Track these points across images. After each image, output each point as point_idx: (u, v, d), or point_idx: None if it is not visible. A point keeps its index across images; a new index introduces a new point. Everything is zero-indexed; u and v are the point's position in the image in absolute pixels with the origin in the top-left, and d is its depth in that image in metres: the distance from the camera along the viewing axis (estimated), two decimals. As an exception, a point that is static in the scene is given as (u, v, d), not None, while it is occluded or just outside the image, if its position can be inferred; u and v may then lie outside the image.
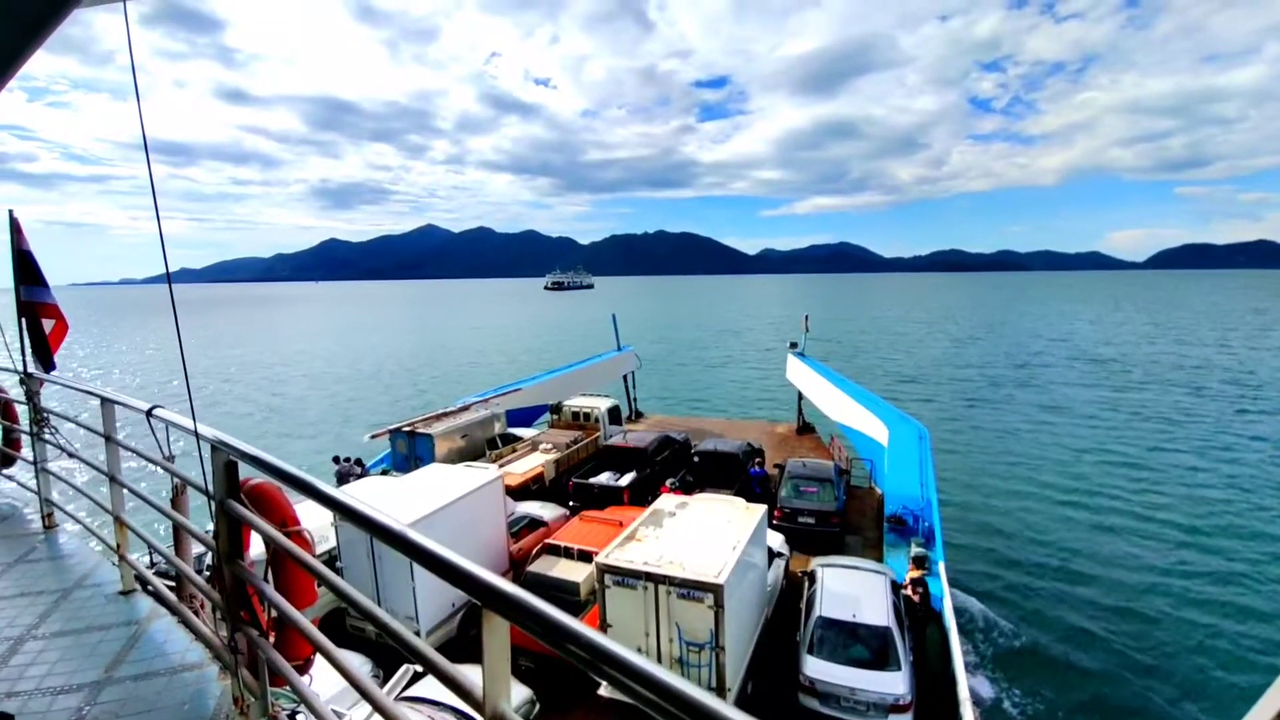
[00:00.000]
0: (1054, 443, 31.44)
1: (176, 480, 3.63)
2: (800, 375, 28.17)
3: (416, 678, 8.59)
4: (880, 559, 13.75)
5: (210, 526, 2.93)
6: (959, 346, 71.25)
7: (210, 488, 2.83)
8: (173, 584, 4.20)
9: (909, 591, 11.53)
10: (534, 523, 14.90)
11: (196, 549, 5.41)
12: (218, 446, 2.74)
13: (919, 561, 12.20)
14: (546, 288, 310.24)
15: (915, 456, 17.54)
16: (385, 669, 9.46)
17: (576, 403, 23.59)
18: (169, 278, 2.96)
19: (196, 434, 2.86)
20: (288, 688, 2.66)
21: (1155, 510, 22.68)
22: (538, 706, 9.15)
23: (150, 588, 4.29)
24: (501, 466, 17.84)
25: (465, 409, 21.35)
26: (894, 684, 9.24)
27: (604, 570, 9.36)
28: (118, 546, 4.42)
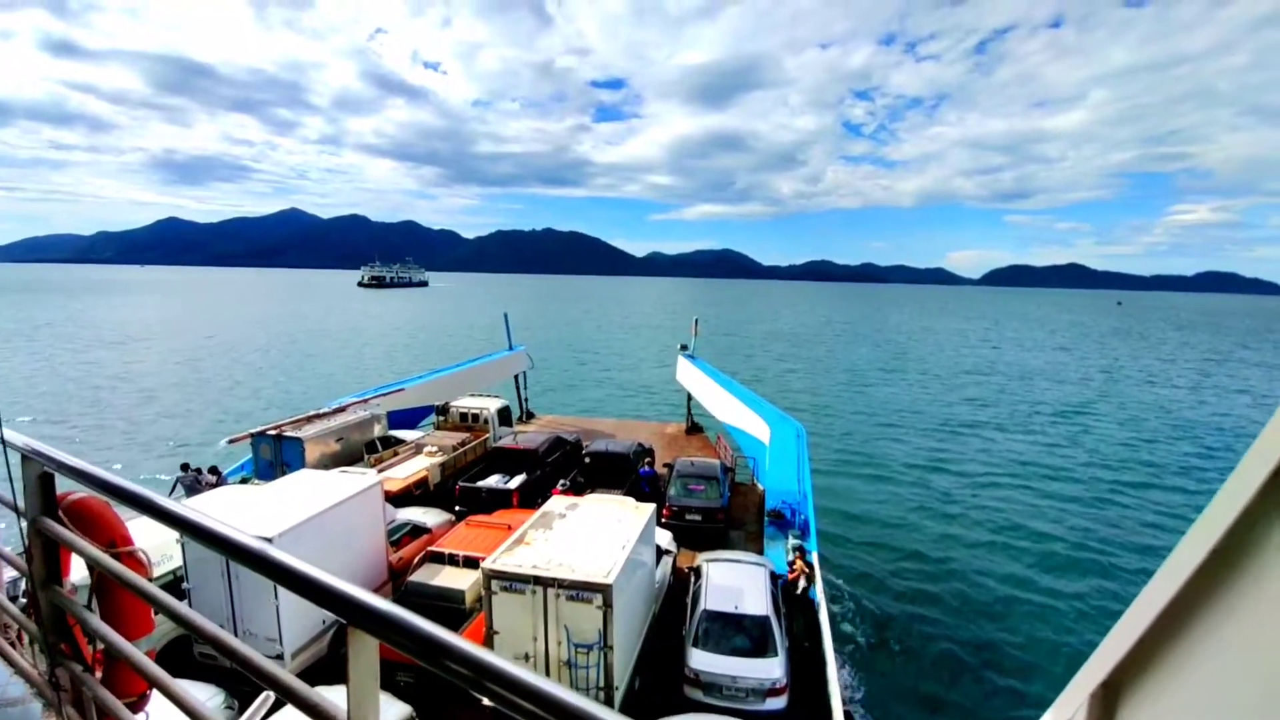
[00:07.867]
0: (915, 440, 34.96)
1: None
2: (689, 377, 29.03)
3: (278, 705, 7.86)
4: (761, 551, 14.52)
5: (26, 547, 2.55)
6: (834, 352, 77.08)
7: (20, 503, 2.45)
8: None
9: (795, 572, 12.18)
10: (416, 530, 14.19)
11: (11, 573, 4.66)
12: (30, 456, 2.38)
13: (798, 552, 13.02)
14: (361, 283, 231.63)
15: (794, 454, 18.65)
16: (244, 699, 8.59)
17: (464, 403, 22.77)
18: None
19: (3, 441, 2.45)
20: None
21: (1007, 500, 25.96)
22: (418, 723, 8.71)
23: None
24: (381, 471, 16.85)
25: (341, 410, 19.87)
26: (771, 669, 9.83)
27: (490, 576, 9.11)
28: None
